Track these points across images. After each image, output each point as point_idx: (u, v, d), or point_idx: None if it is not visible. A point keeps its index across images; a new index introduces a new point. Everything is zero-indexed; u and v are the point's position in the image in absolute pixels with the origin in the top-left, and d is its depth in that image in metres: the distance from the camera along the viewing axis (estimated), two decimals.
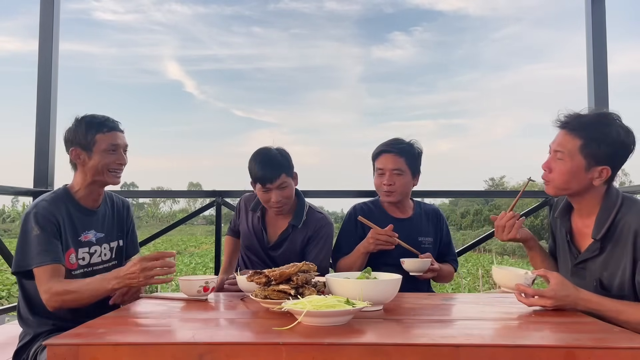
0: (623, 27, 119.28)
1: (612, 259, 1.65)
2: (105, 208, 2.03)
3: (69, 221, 1.87)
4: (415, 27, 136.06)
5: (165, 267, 1.64)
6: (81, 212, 1.93)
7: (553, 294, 1.52)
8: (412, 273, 2.16)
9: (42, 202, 1.84)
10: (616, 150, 1.64)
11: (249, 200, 2.45)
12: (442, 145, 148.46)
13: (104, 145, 1.90)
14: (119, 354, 1.15)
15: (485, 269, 20.05)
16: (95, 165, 1.90)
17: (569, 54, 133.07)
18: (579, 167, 1.65)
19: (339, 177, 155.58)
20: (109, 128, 1.93)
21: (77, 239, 1.90)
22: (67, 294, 1.69)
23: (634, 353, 1.12)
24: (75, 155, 1.91)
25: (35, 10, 3.25)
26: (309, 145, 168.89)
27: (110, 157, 1.91)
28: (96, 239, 1.96)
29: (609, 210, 1.66)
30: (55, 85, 3.25)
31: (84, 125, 1.91)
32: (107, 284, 1.66)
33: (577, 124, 1.66)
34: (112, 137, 1.93)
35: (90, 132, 1.90)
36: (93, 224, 1.96)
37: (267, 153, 2.25)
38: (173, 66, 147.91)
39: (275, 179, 2.18)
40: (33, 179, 3.19)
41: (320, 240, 2.32)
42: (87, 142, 1.89)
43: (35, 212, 1.80)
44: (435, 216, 2.47)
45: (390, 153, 2.35)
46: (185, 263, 24.01)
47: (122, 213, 2.11)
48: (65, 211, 1.88)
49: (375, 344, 1.17)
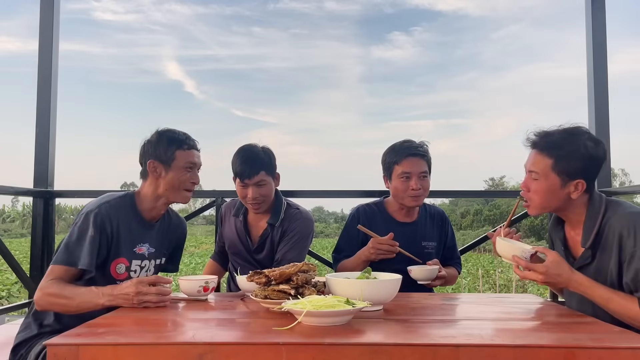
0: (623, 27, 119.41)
1: (602, 264, 1.65)
2: (162, 224, 2.03)
3: (126, 230, 1.87)
4: (415, 27, 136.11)
5: (160, 295, 1.62)
6: (140, 223, 1.93)
7: (544, 269, 1.57)
8: (421, 282, 2.13)
9: (108, 203, 1.84)
10: (586, 163, 1.66)
11: (229, 207, 2.45)
12: (442, 145, 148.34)
13: (182, 162, 1.93)
14: (119, 354, 1.15)
15: (485, 269, 20.05)
16: (171, 181, 1.92)
17: (569, 54, 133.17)
18: (554, 185, 1.68)
19: (338, 177, 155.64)
20: (189, 146, 1.96)
21: (132, 250, 1.91)
22: (58, 298, 1.68)
23: (634, 353, 1.12)
24: (153, 167, 1.92)
25: (35, 10, 3.24)
26: (309, 145, 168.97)
27: (186, 175, 1.94)
28: (148, 253, 1.97)
29: (594, 218, 1.67)
30: (55, 85, 3.25)
31: (165, 140, 1.93)
32: (99, 299, 1.65)
33: (546, 144, 1.70)
34: (190, 155, 1.96)
35: (171, 147, 1.92)
36: (148, 238, 1.96)
37: (250, 149, 2.25)
38: (173, 66, 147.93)
39: (254, 175, 2.17)
40: (33, 179, 3.19)
41: (291, 236, 2.23)
42: (167, 157, 1.91)
43: (97, 212, 1.80)
44: (441, 219, 2.44)
45: (417, 156, 2.28)
46: (185, 263, 23.98)
47: (176, 231, 2.12)
48: (125, 219, 1.87)
49: (375, 344, 1.17)
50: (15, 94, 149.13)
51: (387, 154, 2.35)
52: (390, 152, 2.34)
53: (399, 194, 2.30)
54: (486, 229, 37.99)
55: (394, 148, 2.34)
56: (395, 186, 2.30)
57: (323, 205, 79.86)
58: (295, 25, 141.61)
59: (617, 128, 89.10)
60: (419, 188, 2.25)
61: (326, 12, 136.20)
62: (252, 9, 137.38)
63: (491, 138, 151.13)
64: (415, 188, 2.25)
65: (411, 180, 2.26)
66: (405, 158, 2.27)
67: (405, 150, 2.29)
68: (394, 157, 2.31)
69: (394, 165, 2.30)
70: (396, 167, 2.29)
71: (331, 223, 64.29)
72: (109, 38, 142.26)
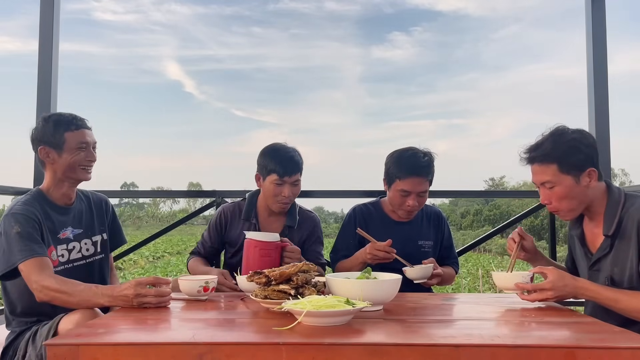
0: (623, 27, 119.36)
1: (620, 253, 1.70)
2: (80, 204, 2.05)
3: (46, 220, 1.89)
4: (415, 27, 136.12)
5: (159, 296, 1.62)
6: (56, 210, 1.95)
7: (551, 285, 1.60)
8: (417, 281, 2.13)
9: (18, 205, 1.86)
10: (585, 151, 1.72)
11: (234, 211, 2.38)
12: (442, 145, 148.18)
13: (73, 143, 1.92)
14: (119, 354, 1.15)
15: (485, 269, 20.06)
16: (65, 163, 1.92)
17: (569, 54, 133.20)
18: (570, 184, 1.72)
19: (338, 177, 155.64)
20: (77, 126, 1.95)
21: (56, 237, 1.92)
22: (59, 292, 1.69)
23: (634, 353, 1.12)
24: (44, 154, 1.92)
25: (35, 10, 3.24)
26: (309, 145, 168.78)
27: (80, 154, 1.94)
28: (74, 235, 1.98)
29: (615, 207, 1.72)
30: (55, 85, 3.25)
31: (52, 124, 1.92)
32: (99, 298, 1.65)
33: (542, 153, 1.75)
34: (81, 134, 1.95)
35: (58, 130, 1.91)
36: (69, 221, 1.98)
37: (287, 148, 2.28)
38: (173, 66, 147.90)
39: (294, 173, 2.22)
40: (33, 179, 3.19)
41: (317, 239, 2.39)
42: (56, 140, 1.91)
43: (13, 212, 1.82)
44: (437, 219, 2.43)
45: (420, 177, 2.21)
46: (185, 263, 23.99)
47: (101, 207, 2.14)
48: (42, 210, 1.89)
49: (375, 344, 1.17)
50: (15, 94, 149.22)
51: (392, 164, 2.28)
52: (395, 164, 2.26)
53: (394, 205, 2.30)
54: (486, 229, 38.01)
55: (399, 161, 2.26)
56: (392, 197, 2.29)
57: (323, 205, 79.91)
58: (295, 26, 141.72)
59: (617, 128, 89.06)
60: (415, 205, 2.24)
61: (326, 12, 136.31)
62: (252, 9, 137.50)
63: (491, 138, 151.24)
64: (411, 205, 2.24)
65: (409, 197, 2.23)
66: (409, 177, 2.20)
67: (410, 169, 2.21)
68: (397, 171, 2.23)
69: (396, 179, 2.24)
70: (398, 181, 2.23)
71: (331, 223, 64.26)
72: (109, 38, 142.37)
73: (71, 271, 1.93)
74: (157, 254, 34.31)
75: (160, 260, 32.23)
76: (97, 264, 2.06)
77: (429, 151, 2.31)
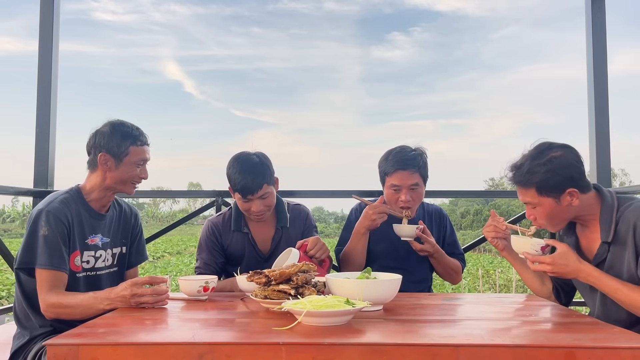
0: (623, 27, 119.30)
1: (616, 257, 1.68)
2: (113, 213, 2.04)
3: (78, 223, 1.88)
4: (414, 28, 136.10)
5: (156, 295, 1.62)
6: (91, 214, 1.93)
7: (551, 260, 1.64)
8: (403, 238, 2.18)
9: (55, 202, 1.84)
10: (563, 173, 1.66)
11: (225, 224, 2.28)
12: (441, 145, 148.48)
13: (134, 158, 1.93)
14: (119, 354, 1.15)
15: (485, 269, 20.03)
16: (120, 175, 1.92)
17: (569, 54, 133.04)
18: (551, 205, 1.70)
19: (338, 177, 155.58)
20: (142, 142, 1.96)
21: (84, 242, 1.91)
22: (62, 308, 1.71)
23: (634, 353, 1.12)
24: (104, 160, 1.91)
25: (35, 11, 3.24)
26: (309, 145, 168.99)
27: (136, 170, 1.95)
28: (102, 243, 1.97)
29: (610, 212, 1.70)
30: (55, 85, 3.25)
31: (119, 135, 1.92)
32: (99, 303, 1.66)
33: (521, 177, 1.72)
34: (143, 151, 1.96)
35: (125, 142, 1.91)
36: (101, 228, 1.97)
37: (247, 161, 2.14)
38: (172, 66, 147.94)
39: (257, 190, 2.09)
40: (33, 179, 3.19)
41: (313, 228, 2.37)
42: (120, 151, 1.91)
43: (47, 210, 1.81)
44: (439, 216, 2.45)
45: (406, 171, 2.22)
46: (185, 263, 23.97)
47: (130, 220, 2.11)
48: (76, 212, 1.88)
49: (375, 344, 1.17)
50: (15, 94, 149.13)
51: (382, 161, 2.32)
52: (383, 161, 2.30)
53: (390, 202, 2.31)
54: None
55: (387, 157, 2.29)
56: (386, 195, 2.31)
57: (323, 205, 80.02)
58: (294, 26, 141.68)
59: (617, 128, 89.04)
60: (408, 200, 2.24)
61: (325, 13, 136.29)
62: (252, 9, 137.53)
63: (491, 138, 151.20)
64: (404, 200, 2.24)
65: (401, 192, 2.24)
66: (395, 172, 2.23)
67: (396, 163, 2.24)
68: (385, 167, 2.28)
69: (385, 176, 2.29)
70: (387, 178, 2.27)
71: (331, 223, 64.29)
72: (108, 38, 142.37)
73: (94, 279, 1.92)
74: (157, 254, 34.28)
75: (160, 260, 32.21)
76: (111, 276, 2.00)
77: (419, 147, 2.33)
